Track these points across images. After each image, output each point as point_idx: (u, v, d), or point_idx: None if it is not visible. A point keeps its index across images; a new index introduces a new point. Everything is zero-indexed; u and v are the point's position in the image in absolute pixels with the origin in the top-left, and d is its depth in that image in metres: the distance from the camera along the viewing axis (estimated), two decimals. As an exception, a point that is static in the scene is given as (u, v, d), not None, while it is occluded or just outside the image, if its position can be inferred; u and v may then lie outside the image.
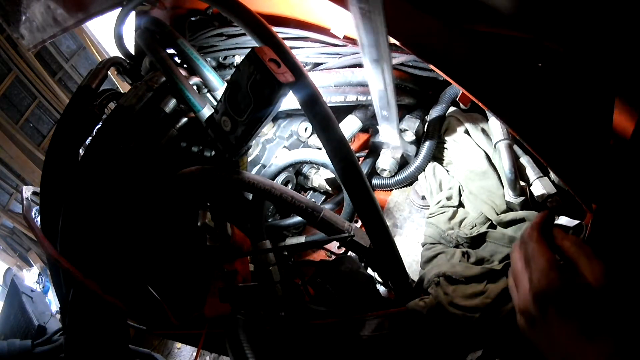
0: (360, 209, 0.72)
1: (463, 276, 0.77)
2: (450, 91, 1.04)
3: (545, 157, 0.65)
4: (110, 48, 4.65)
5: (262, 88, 0.63)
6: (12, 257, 6.08)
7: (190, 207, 0.91)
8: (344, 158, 0.69)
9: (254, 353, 0.65)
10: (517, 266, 0.56)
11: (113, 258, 0.85)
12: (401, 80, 1.02)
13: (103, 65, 1.08)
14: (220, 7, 0.80)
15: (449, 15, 0.65)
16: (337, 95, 0.98)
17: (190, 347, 2.99)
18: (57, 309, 3.27)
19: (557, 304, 0.50)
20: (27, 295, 2.15)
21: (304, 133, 1.11)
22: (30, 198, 1.04)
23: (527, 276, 0.53)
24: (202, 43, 1.12)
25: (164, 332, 0.99)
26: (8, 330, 2.06)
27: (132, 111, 0.88)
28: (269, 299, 0.79)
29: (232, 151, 0.76)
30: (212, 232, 0.90)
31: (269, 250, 0.82)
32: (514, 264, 0.57)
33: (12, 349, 1.39)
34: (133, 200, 0.86)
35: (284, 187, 0.80)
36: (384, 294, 0.93)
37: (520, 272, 0.55)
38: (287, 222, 1.08)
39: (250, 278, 0.90)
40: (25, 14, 1.15)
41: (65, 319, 0.83)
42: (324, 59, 1.02)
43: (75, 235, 0.83)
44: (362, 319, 0.76)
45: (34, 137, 5.39)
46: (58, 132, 0.99)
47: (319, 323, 0.78)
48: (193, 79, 0.96)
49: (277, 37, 0.71)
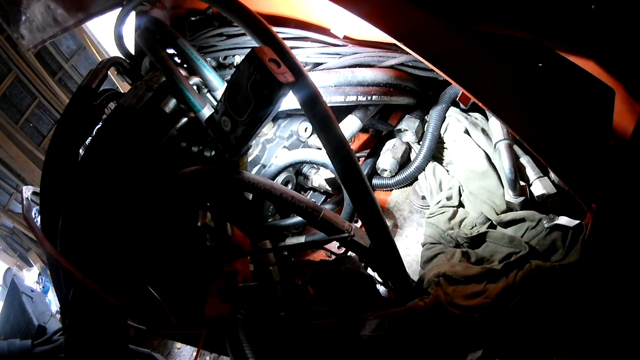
0: (360, 209, 0.72)
1: (463, 276, 0.76)
2: (450, 91, 1.04)
3: (545, 157, 0.65)
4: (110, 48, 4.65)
5: (262, 88, 0.63)
6: (12, 257, 6.08)
7: (190, 207, 0.91)
8: (344, 158, 0.69)
9: (253, 353, 0.65)
10: None
11: (113, 258, 0.85)
12: (401, 80, 1.02)
13: (103, 65, 1.08)
14: (220, 7, 0.80)
15: (451, 14, 0.65)
16: (337, 95, 0.97)
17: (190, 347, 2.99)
18: (57, 309, 3.26)
19: None
20: (27, 295, 2.15)
21: (304, 133, 1.11)
22: (30, 198, 1.04)
23: None
24: (202, 43, 1.12)
25: (164, 332, 0.99)
26: (8, 330, 2.05)
27: (132, 111, 0.88)
28: (269, 299, 0.79)
29: (232, 151, 0.76)
30: (212, 232, 0.89)
31: (269, 250, 0.82)
32: None
33: (12, 349, 1.39)
34: (133, 200, 0.86)
35: (284, 187, 0.80)
36: (384, 294, 0.93)
37: None
38: (287, 222, 1.08)
39: (250, 278, 0.90)
40: (25, 14, 1.15)
41: (65, 319, 0.83)
42: (324, 59, 1.02)
43: (75, 235, 0.83)
44: (362, 319, 0.76)
45: (34, 137, 5.39)
46: (58, 132, 0.99)
47: (319, 323, 0.78)
48: (193, 79, 0.96)
49: (277, 37, 0.71)
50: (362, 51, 1.01)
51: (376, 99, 1.01)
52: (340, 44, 1.01)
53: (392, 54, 1.00)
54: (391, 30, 0.67)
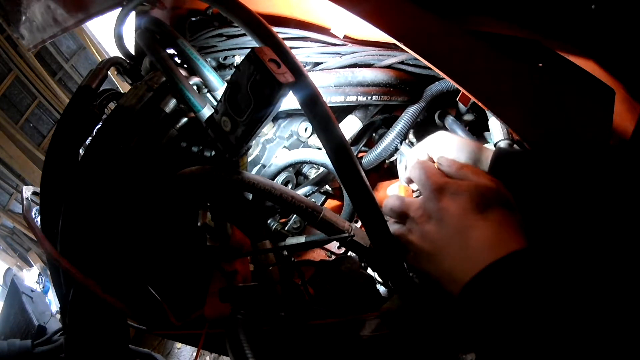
0: (360, 209, 0.72)
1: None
2: (434, 88, 1.02)
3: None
4: (110, 48, 4.65)
5: (262, 88, 0.63)
6: (12, 257, 6.09)
7: (190, 207, 0.91)
8: (344, 158, 0.69)
9: (253, 353, 0.65)
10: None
11: (113, 258, 0.85)
12: (400, 79, 1.02)
13: (103, 65, 1.08)
14: (220, 7, 0.80)
15: (450, 14, 0.65)
16: (337, 95, 0.97)
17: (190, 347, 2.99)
18: (57, 309, 3.27)
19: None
20: (27, 295, 2.15)
21: (304, 133, 1.11)
22: (30, 198, 1.04)
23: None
24: (202, 43, 1.12)
25: (164, 332, 0.99)
26: (8, 330, 2.05)
27: (132, 111, 0.88)
28: (269, 299, 0.79)
29: (232, 151, 0.76)
30: (212, 232, 0.89)
31: (269, 250, 0.82)
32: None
33: (12, 349, 1.39)
34: (133, 200, 0.86)
35: (284, 187, 0.80)
36: (384, 294, 0.93)
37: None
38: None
39: (250, 278, 0.90)
40: (25, 14, 1.15)
41: (65, 319, 0.83)
42: (324, 59, 1.02)
43: (75, 235, 0.83)
44: (362, 319, 0.76)
45: (34, 137, 5.40)
46: (58, 132, 0.99)
47: (319, 323, 0.78)
48: (193, 79, 0.96)
49: (277, 37, 0.71)
50: (361, 50, 1.01)
51: (376, 99, 1.01)
52: (340, 44, 1.01)
53: (392, 52, 1.00)
54: (391, 30, 0.67)
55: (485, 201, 0.54)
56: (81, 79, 4.20)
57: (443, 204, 0.57)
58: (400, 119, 1.01)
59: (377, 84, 1.00)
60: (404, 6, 0.68)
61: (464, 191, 0.56)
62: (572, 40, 0.62)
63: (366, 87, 0.99)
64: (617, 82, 0.63)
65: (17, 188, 5.53)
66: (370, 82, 0.99)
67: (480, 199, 0.54)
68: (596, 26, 0.58)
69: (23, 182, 5.29)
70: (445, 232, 0.57)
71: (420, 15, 0.67)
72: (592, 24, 0.58)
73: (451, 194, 0.57)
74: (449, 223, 0.56)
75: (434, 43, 0.68)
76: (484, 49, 0.66)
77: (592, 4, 0.56)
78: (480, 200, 0.54)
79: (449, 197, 0.57)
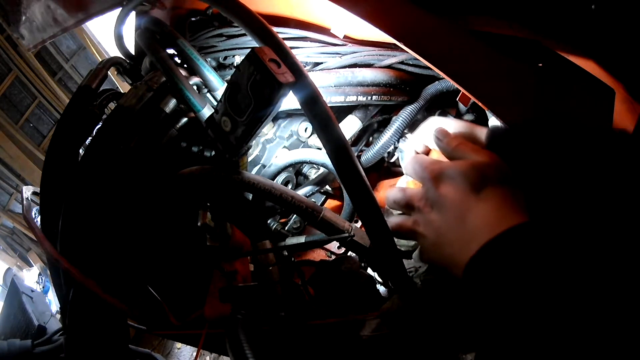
0: (360, 209, 0.72)
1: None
2: (432, 88, 1.02)
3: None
4: (110, 48, 4.66)
5: (262, 88, 0.63)
6: (12, 257, 6.09)
7: (190, 207, 0.91)
8: (344, 158, 0.69)
9: (253, 353, 0.65)
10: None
11: (113, 258, 0.85)
12: (400, 79, 1.02)
13: (103, 65, 1.08)
14: (220, 7, 0.80)
15: (450, 13, 0.65)
16: (337, 95, 0.97)
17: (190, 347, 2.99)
18: (57, 309, 3.27)
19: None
20: (27, 295, 2.15)
21: (304, 133, 1.11)
22: (30, 198, 1.04)
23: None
24: (202, 43, 1.12)
25: (164, 332, 0.99)
26: (8, 330, 2.05)
27: (132, 111, 0.88)
28: (269, 299, 0.79)
29: (232, 151, 0.76)
30: (212, 232, 0.90)
31: (269, 250, 0.82)
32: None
33: (12, 349, 1.39)
34: (133, 200, 0.86)
35: (284, 187, 0.80)
36: (384, 294, 0.93)
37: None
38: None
39: (250, 278, 0.90)
40: (25, 14, 1.15)
41: (65, 319, 0.83)
42: (324, 59, 1.02)
43: (75, 235, 0.83)
44: (362, 319, 0.76)
45: (34, 137, 5.40)
46: (58, 132, 0.99)
47: (318, 323, 0.78)
48: (193, 79, 0.96)
49: (277, 37, 0.71)
50: (361, 50, 1.01)
51: (376, 99, 1.01)
52: (340, 44, 1.01)
53: (392, 52, 1.00)
54: (391, 30, 0.67)
55: (483, 180, 0.54)
56: (81, 79, 4.20)
57: (442, 191, 0.58)
58: (398, 117, 1.01)
59: (377, 84, 0.99)
60: (404, 6, 0.68)
61: (460, 173, 0.56)
62: (572, 40, 0.62)
63: (366, 87, 0.98)
64: (617, 82, 0.63)
65: (17, 188, 5.53)
66: (370, 82, 0.99)
67: (477, 178, 0.55)
68: (596, 26, 0.58)
69: (23, 182, 5.29)
70: (447, 218, 0.57)
71: (420, 15, 0.67)
72: (592, 24, 0.58)
73: (448, 178, 0.57)
74: (449, 209, 0.56)
75: (434, 43, 0.68)
76: (484, 49, 0.66)
77: (592, 4, 0.56)
78: (478, 180, 0.54)
79: (447, 183, 0.57)
